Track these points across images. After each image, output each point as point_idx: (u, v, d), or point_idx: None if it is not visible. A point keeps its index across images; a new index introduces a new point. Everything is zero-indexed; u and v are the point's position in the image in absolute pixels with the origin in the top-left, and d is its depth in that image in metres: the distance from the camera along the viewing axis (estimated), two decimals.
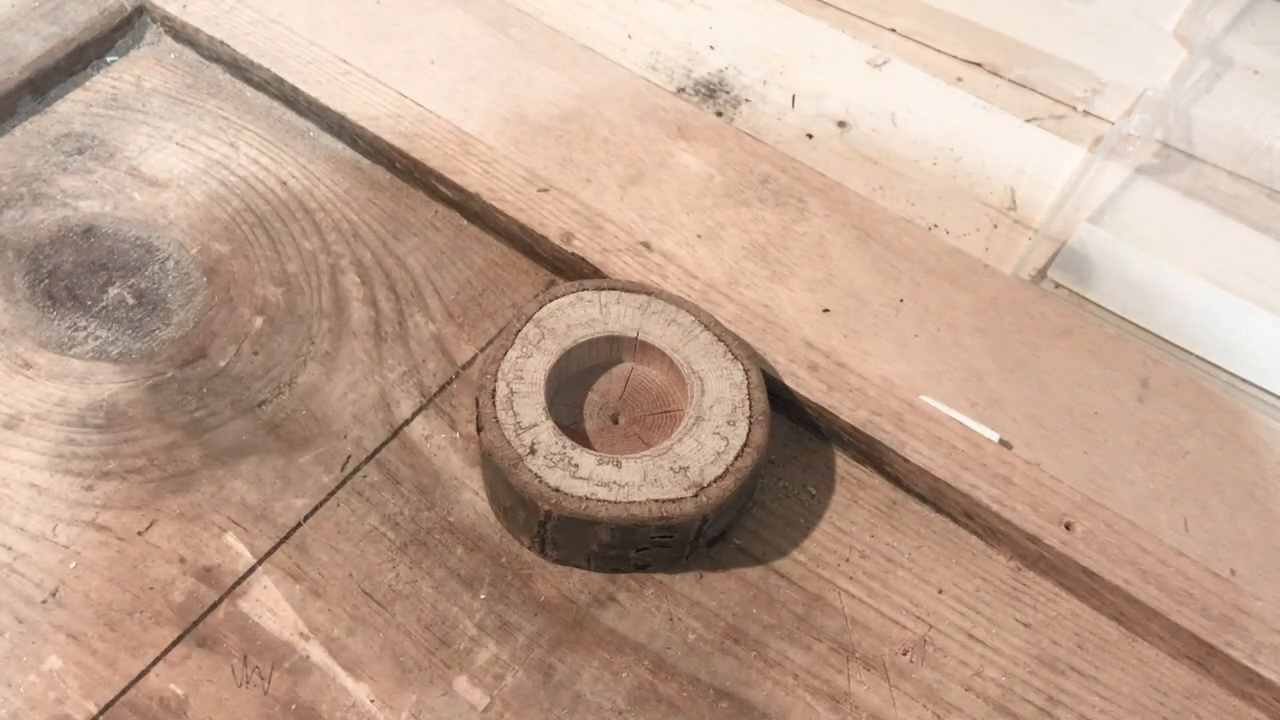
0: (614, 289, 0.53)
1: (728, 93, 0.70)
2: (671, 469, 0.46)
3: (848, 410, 0.51)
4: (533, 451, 0.46)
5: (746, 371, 0.50)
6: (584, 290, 0.52)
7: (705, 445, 0.47)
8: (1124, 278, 0.61)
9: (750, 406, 0.48)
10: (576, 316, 0.51)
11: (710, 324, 0.52)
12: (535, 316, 0.51)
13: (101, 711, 0.43)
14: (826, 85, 0.72)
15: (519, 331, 0.50)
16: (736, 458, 0.47)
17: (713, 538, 0.49)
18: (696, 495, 0.45)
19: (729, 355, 0.50)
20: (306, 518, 0.49)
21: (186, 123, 0.65)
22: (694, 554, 0.49)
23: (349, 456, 0.51)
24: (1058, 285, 0.62)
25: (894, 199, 0.65)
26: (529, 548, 0.49)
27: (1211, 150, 0.69)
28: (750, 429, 0.48)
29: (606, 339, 0.51)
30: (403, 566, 0.48)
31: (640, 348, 0.52)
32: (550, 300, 0.52)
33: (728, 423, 0.48)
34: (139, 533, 0.48)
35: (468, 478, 0.51)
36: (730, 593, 0.48)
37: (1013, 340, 0.57)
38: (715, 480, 0.46)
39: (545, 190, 0.60)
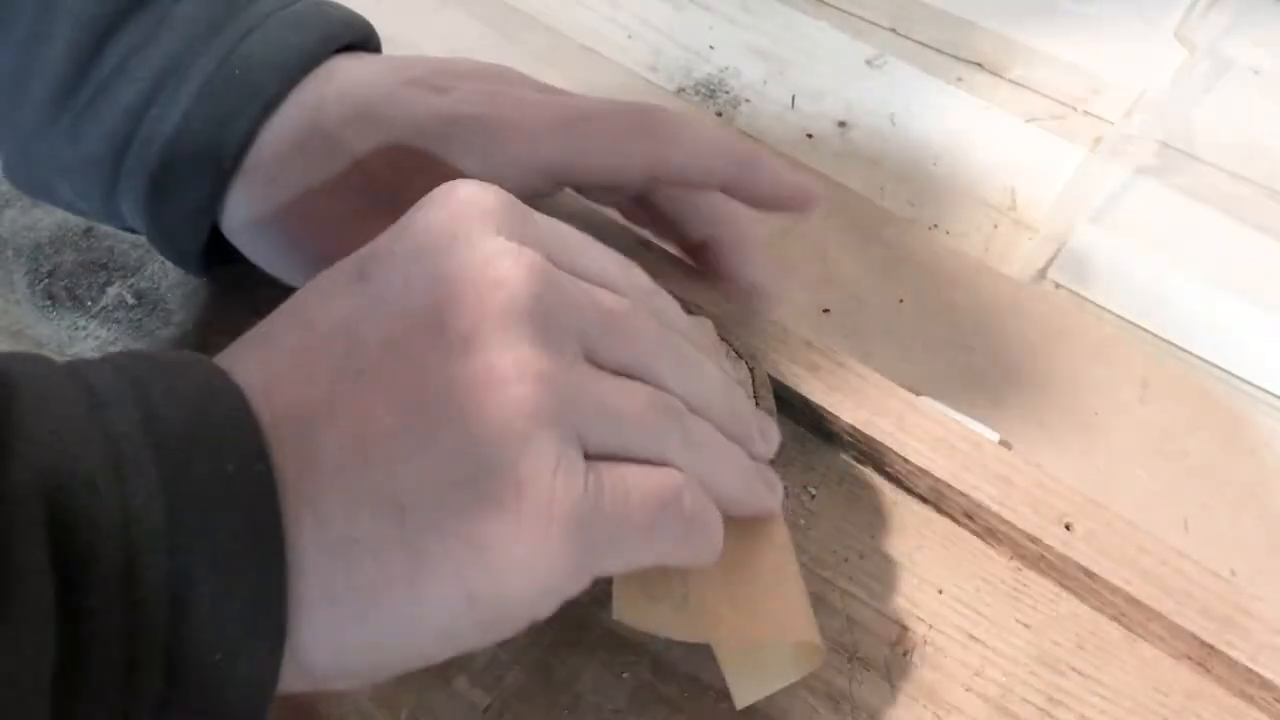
0: None
1: (728, 93, 0.70)
2: None
3: (848, 410, 0.51)
4: None
5: (751, 371, 0.50)
6: None
7: None
8: (1124, 278, 0.61)
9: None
10: None
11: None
12: None
13: None
14: (826, 85, 0.71)
15: None
16: None
17: None
18: None
19: (731, 355, 0.50)
20: None
21: None
22: None
23: None
24: (1058, 285, 0.62)
25: (894, 199, 0.65)
26: None
27: (1212, 150, 0.69)
28: None
29: None
30: None
31: None
32: None
33: None
34: None
35: None
36: None
37: (1013, 340, 0.57)
38: None
39: None
